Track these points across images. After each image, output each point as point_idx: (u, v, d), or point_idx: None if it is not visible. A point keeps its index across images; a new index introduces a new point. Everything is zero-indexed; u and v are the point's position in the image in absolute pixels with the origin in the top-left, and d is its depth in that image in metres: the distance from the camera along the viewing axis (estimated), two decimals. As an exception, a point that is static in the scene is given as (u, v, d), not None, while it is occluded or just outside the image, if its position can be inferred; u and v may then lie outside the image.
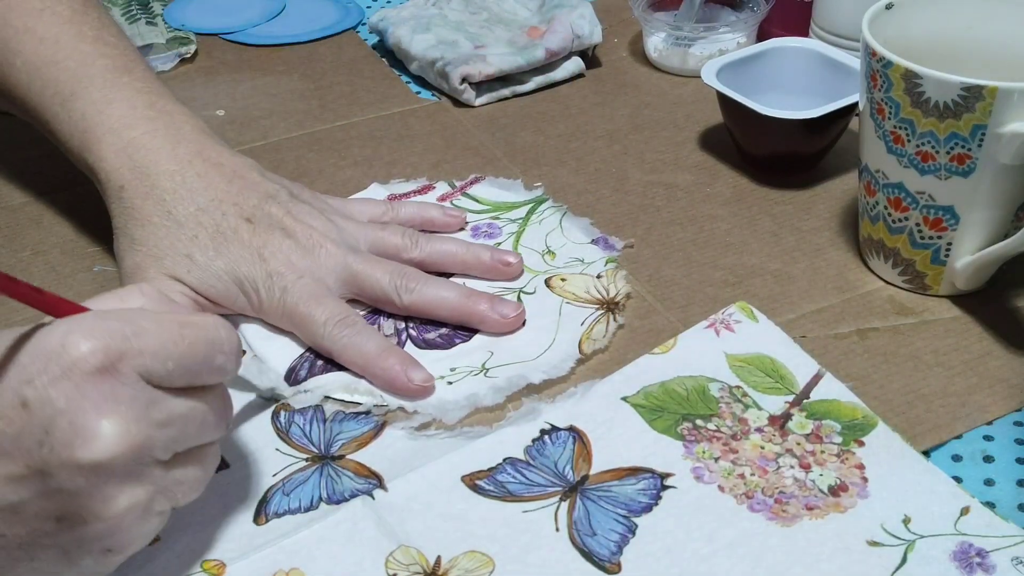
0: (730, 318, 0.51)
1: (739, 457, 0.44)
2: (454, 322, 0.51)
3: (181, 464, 0.37)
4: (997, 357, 0.50)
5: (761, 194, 0.62)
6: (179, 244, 0.49)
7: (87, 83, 0.53)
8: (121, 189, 0.51)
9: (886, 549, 0.40)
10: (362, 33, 0.81)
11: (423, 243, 0.53)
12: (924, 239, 0.52)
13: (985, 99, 0.46)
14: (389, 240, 0.53)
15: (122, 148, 0.51)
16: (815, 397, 0.47)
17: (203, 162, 0.51)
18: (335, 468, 0.44)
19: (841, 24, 0.70)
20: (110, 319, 0.35)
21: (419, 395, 0.47)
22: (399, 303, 0.50)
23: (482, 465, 0.44)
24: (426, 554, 0.40)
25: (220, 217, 0.50)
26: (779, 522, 0.41)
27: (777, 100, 0.61)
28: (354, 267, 0.50)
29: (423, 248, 0.53)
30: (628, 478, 0.43)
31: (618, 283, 0.54)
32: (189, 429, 0.37)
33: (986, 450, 0.45)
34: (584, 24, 0.73)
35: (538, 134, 0.68)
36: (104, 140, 0.52)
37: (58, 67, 0.54)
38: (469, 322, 0.51)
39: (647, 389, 0.47)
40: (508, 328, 0.50)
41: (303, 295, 0.49)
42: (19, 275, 0.55)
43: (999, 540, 0.41)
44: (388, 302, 0.50)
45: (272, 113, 0.71)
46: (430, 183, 0.62)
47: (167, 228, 0.50)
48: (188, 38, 0.79)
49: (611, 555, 0.40)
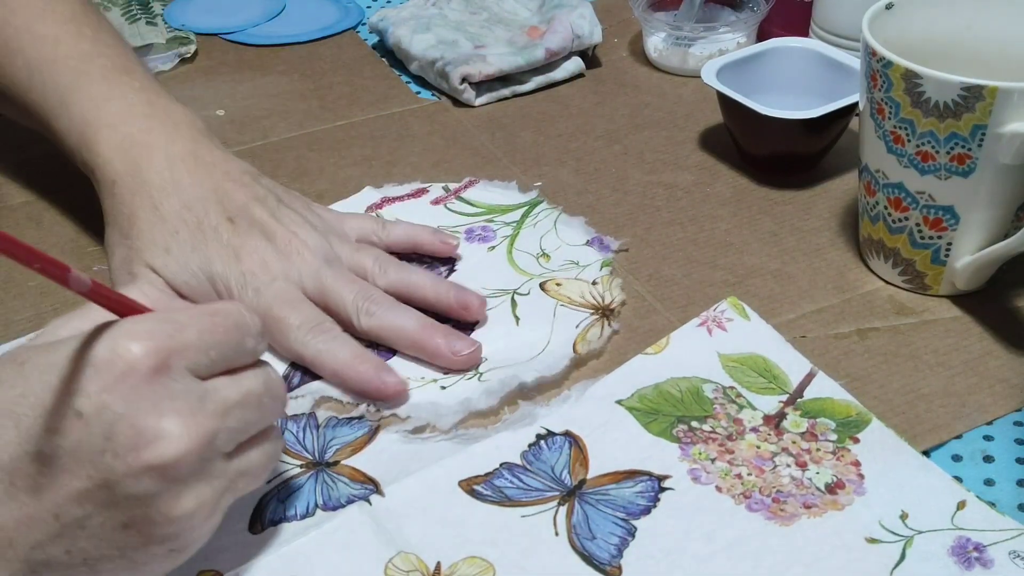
0: (722, 315, 0.51)
1: (735, 457, 0.44)
2: (409, 352, 0.50)
3: (244, 454, 0.37)
4: (997, 357, 0.50)
5: (761, 194, 0.62)
6: (159, 238, 0.50)
7: (86, 81, 0.53)
8: (113, 184, 0.51)
9: (885, 546, 0.40)
10: (362, 33, 0.81)
11: (392, 272, 0.52)
12: (924, 239, 0.52)
13: (985, 99, 0.46)
14: (360, 262, 0.52)
15: (117, 144, 0.52)
16: (808, 396, 0.47)
17: (195, 161, 0.52)
18: (330, 474, 0.44)
19: (841, 24, 0.70)
20: (150, 320, 0.35)
21: (394, 398, 0.47)
22: (358, 325, 0.49)
23: (479, 470, 0.44)
24: (426, 560, 0.40)
25: (203, 215, 0.50)
26: (778, 521, 0.41)
27: (777, 100, 0.61)
28: (325, 280, 0.50)
29: (389, 276, 0.52)
30: (626, 481, 0.43)
31: (613, 291, 0.53)
32: (248, 415, 0.37)
33: (986, 450, 0.45)
34: (584, 24, 0.73)
35: (538, 134, 0.68)
36: (100, 136, 0.52)
37: (57, 65, 0.54)
38: (423, 355, 0.49)
39: (641, 391, 0.47)
40: (460, 366, 0.49)
41: (277, 298, 0.49)
42: (18, 275, 0.55)
43: (996, 534, 0.41)
44: (348, 322, 0.50)
45: (272, 113, 0.71)
46: (424, 186, 0.62)
47: (151, 222, 0.50)
48: (188, 38, 0.79)
49: (611, 558, 0.40)
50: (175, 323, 0.35)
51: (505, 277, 0.55)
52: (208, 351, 0.36)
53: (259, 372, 0.38)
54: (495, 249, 0.57)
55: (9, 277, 0.56)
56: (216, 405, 0.35)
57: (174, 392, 0.34)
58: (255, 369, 0.38)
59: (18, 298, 0.54)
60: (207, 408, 0.35)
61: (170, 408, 0.34)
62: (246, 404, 0.37)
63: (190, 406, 0.34)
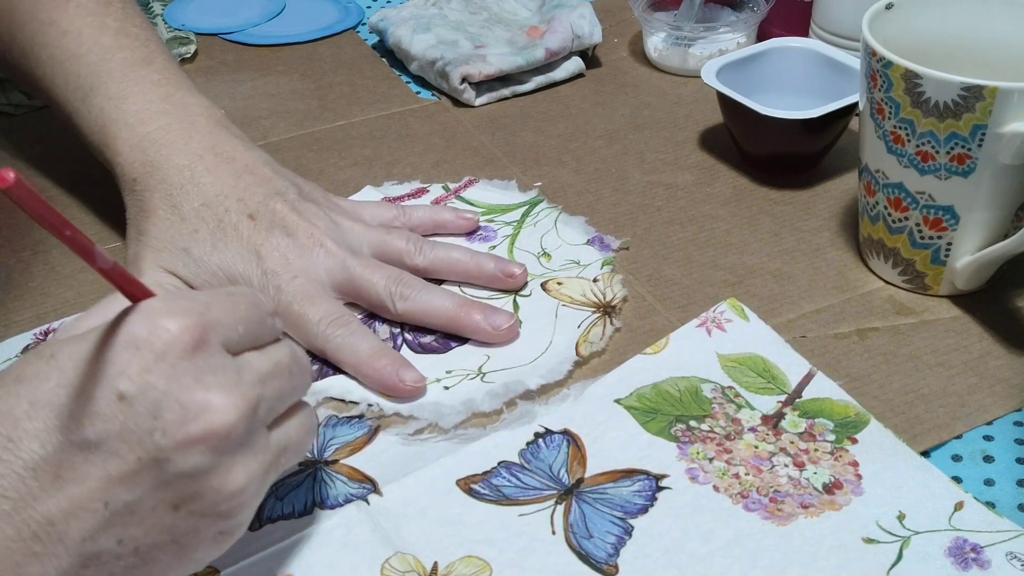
0: (721, 316, 0.51)
1: (733, 457, 0.44)
2: (447, 331, 0.50)
3: (282, 426, 0.37)
4: (997, 357, 0.49)
5: (761, 194, 0.62)
6: (179, 238, 0.50)
7: (106, 78, 0.54)
8: (134, 182, 0.51)
9: (882, 546, 0.40)
10: (362, 33, 0.81)
11: (427, 249, 0.53)
12: (924, 239, 0.51)
13: (985, 99, 0.46)
14: (393, 244, 0.52)
15: (136, 143, 0.52)
16: (807, 396, 0.47)
17: (214, 157, 0.52)
18: (328, 473, 0.44)
19: (841, 24, 0.70)
20: (181, 298, 0.35)
21: (410, 396, 0.47)
22: (393, 310, 0.50)
23: (477, 469, 0.44)
24: (423, 560, 0.40)
25: (223, 212, 0.50)
26: (775, 521, 0.41)
27: (777, 100, 0.61)
28: (352, 270, 0.50)
29: (427, 255, 0.53)
30: (623, 480, 0.43)
31: (615, 287, 0.54)
32: (282, 384, 0.37)
33: (986, 450, 0.45)
34: (584, 24, 0.73)
35: (538, 134, 0.68)
36: (120, 136, 0.52)
37: (79, 61, 0.54)
38: (462, 332, 0.50)
39: (640, 391, 0.47)
40: (501, 340, 0.50)
41: (297, 294, 0.49)
42: (19, 275, 0.56)
43: (993, 535, 0.41)
44: (383, 308, 0.50)
45: (272, 113, 0.71)
46: (424, 186, 0.62)
47: (171, 221, 0.50)
48: (188, 38, 0.79)
49: (608, 557, 0.40)
50: (201, 302, 0.35)
51: (506, 277, 0.55)
52: (236, 326, 0.36)
53: (283, 344, 0.38)
54: (496, 248, 0.57)
55: (9, 278, 0.56)
56: (253, 375, 0.36)
57: (214, 366, 0.34)
58: (279, 342, 0.38)
59: (18, 299, 0.54)
60: (246, 379, 0.35)
61: (213, 382, 0.34)
62: (278, 374, 0.37)
63: (230, 379, 0.34)
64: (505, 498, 0.43)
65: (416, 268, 0.52)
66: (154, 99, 0.53)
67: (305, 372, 0.39)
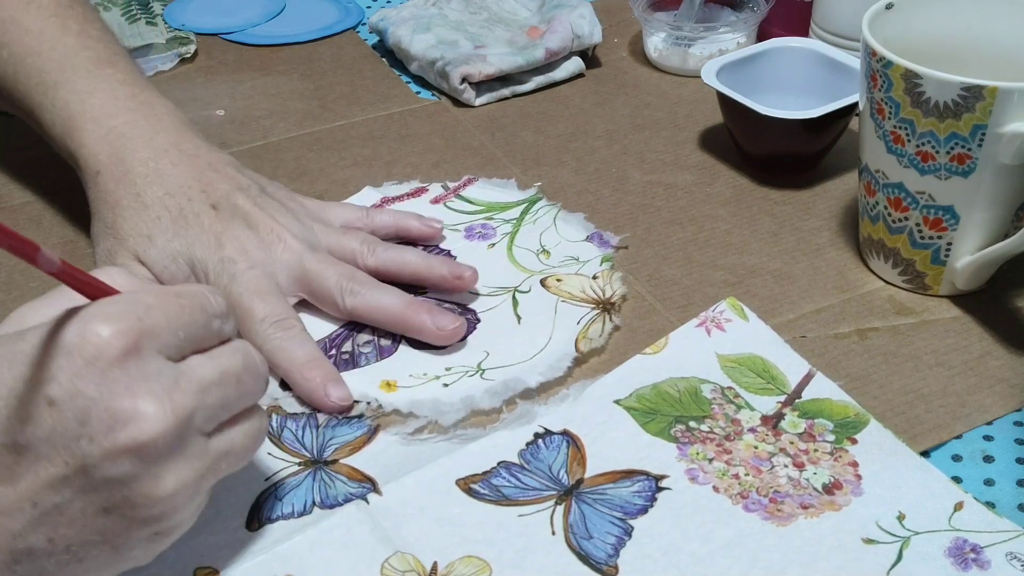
0: (720, 316, 0.51)
1: (733, 458, 0.44)
2: (394, 331, 0.50)
3: (225, 433, 0.37)
4: (997, 357, 0.49)
5: (761, 194, 0.61)
6: (142, 225, 0.50)
7: (71, 73, 0.54)
8: (97, 174, 0.52)
9: (881, 546, 0.40)
10: (362, 33, 0.81)
11: (380, 251, 0.53)
12: (924, 239, 0.51)
13: (985, 99, 0.46)
14: (348, 245, 0.53)
15: (102, 136, 0.52)
16: (807, 396, 0.47)
17: (179, 152, 0.52)
18: (328, 472, 0.44)
19: (841, 24, 0.70)
20: (117, 303, 0.35)
21: (335, 412, 0.46)
22: (342, 305, 0.50)
23: (476, 469, 0.44)
24: (422, 560, 0.40)
25: (186, 202, 0.50)
26: (775, 522, 0.41)
27: (777, 100, 0.61)
28: (307, 264, 0.50)
29: (379, 255, 0.52)
30: (623, 481, 0.43)
31: (614, 284, 0.54)
32: (227, 392, 0.36)
33: (986, 450, 0.45)
34: (584, 24, 0.73)
35: (538, 134, 0.68)
36: (85, 128, 0.53)
37: (42, 58, 0.55)
38: (409, 332, 0.50)
39: (639, 391, 0.47)
40: (445, 341, 0.49)
41: (249, 287, 0.49)
42: (19, 276, 0.55)
43: (993, 535, 0.41)
44: (332, 303, 0.50)
45: (272, 113, 0.71)
46: (423, 185, 0.62)
47: (134, 210, 0.51)
48: (188, 38, 0.79)
49: (608, 558, 0.40)
50: (143, 305, 0.35)
51: (506, 274, 0.55)
52: (177, 331, 0.35)
53: (236, 350, 0.38)
54: (495, 246, 0.57)
55: (10, 278, 0.56)
56: (192, 384, 0.35)
57: (147, 373, 0.34)
58: (232, 347, 0.38)
59: (19, 299, 0.54)
60: (182, 387, 0.35)
61: (143, 389, 0.34)
62: (223, 382, 0.36)
63: (164, 386, 0.34)
64: (505, 498, 0.43)
65: (368, 268, 0.52)
66: (120, 96, 0.54)
67: (259, 378, 0.38)
